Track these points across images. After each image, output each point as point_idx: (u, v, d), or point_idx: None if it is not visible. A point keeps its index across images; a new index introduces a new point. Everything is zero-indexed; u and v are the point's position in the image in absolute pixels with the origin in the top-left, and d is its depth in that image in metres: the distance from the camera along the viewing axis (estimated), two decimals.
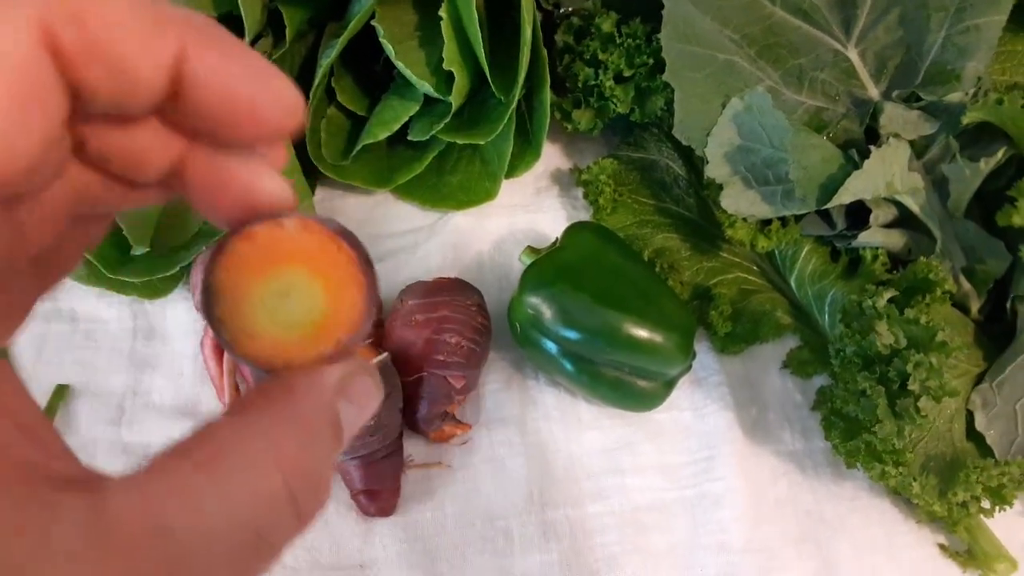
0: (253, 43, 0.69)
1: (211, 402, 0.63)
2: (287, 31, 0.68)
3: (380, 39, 0.67)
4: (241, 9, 0.62)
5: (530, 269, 0.61)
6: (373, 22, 0.67)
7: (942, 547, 0.59)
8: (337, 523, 0.59)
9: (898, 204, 0.62)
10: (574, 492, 0.61)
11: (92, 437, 0.63)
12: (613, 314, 0.59)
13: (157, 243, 0.67)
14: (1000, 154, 0.59)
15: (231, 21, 0.67)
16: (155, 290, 0.69)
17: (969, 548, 0.58)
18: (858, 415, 0.52)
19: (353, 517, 0.59)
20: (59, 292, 0.70)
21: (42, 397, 0.64)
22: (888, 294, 0.54)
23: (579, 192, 0.76)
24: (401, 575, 0.57)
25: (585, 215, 0.75)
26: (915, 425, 0.49)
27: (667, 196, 0.73)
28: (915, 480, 0.52)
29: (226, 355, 0.61)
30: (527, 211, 0.76)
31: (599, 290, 0.59)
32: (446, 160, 0.76)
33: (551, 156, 0.79)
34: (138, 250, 0.67)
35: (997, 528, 0.58)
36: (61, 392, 0.63)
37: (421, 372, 0.60)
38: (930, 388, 0.49)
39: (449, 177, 0.75)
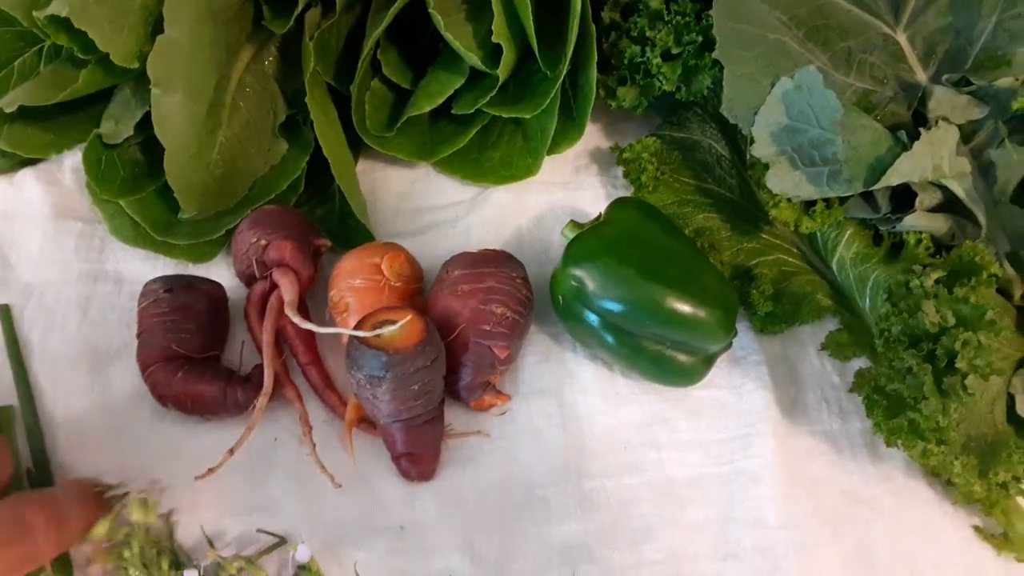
0: (303, 13, 0.70)
1: (254, 360, 0.64)
2: (337, 2, 0.69)
3: (429, 10, 0.67)
4: None
5: (574, 242, 0.62)
6: None
7: (978, 530, 0.59)
8: (380, 485, 0.60)
9: (943, 188, 0.62)
10: (611, 464, 0.62)
11: (138, 398, 0.64)
12: (657, 288, 0.59)
13: (204, 207, 0.69)
14: None
15: None
16: (201, 254, 0.70)
17: (1005, 531, 0.58)
18: (902, 393, 0.53)
19: (395, 481, 0.60)
20: (105, 254, 0.71)
21: (89, 357, 0.65)
22: (936, 274, 0.54)
23: (618, 171, 0.76)
24: (441, 538, 0.58)
25: (625, 193, 0.75)
26: (961, 403, 0.50)
27: (709, 176, 0.73)
28: (956, 459, 0.53)
29: (267, 320, 0.62)
30: (567, 188, 0.76)
31: (643, 264, 0.60)
32: (488, 135, 0.76)
33: (591, 134, 0.79)
34: (186, 213, 0.68)
35: None
36: (6, 416, 0.62)
37: (466, 341, 0.61)
38: (978, 366, 0.49)
39: (491, 152, 0.76)
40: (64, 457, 0.61)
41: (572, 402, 0.65)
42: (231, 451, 0.55)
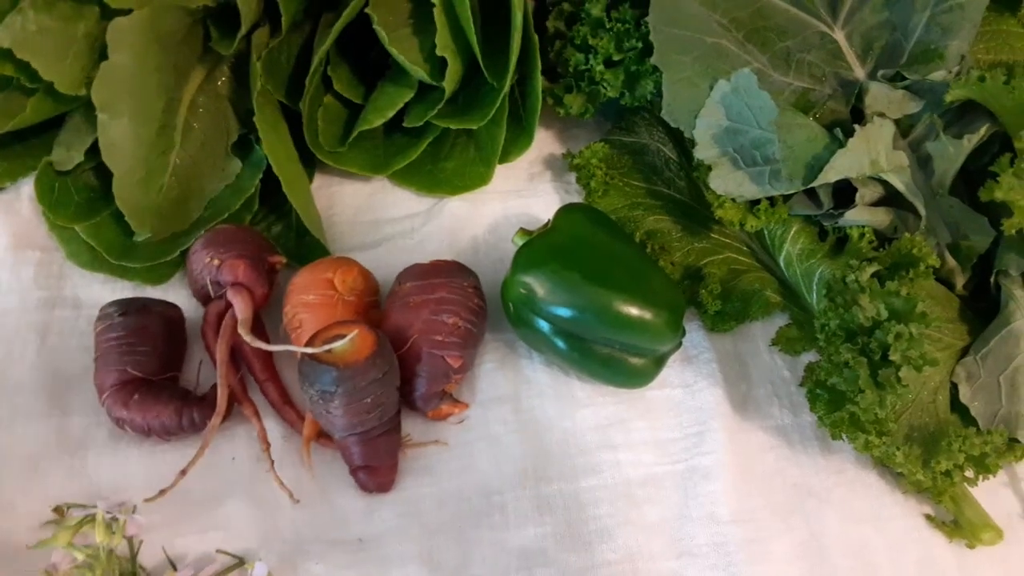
0: (250, 33, 0.70)
1: (212, 380, 0.64)
2: (283, 20, 0.69)
3: (374, 26, 0.68)
4: None
5: (522, 250, 0.63)
6: (367, 10, 0.68)
7: (929, 517, 0.60)
8: (339, 499, 0.60)
9: (884, 182, 0.63)
10: (568, 467, 0.62)
11: (96, 421, 0.64)
12: (603, 292, 0.60)
13: (158, 229, 0.69)
14: (983, 131, 0.60)
15: (228, 11, 0.68)
16: (157, 275, 0.70)
17: (955, 518, 0.59)
18: (841, 387, 0.53)
19: (354, 493, 0.61)
20: (63, 280, 0.72)
21: (48, 382, 0.66)
22: (872, 269, 0.55)
23: (572, 177, 0.77)
24: (399, 548, 0.59)
25: (578, 199, 0.76)
26: (896, 395, 0.50)
27: (658, 179, 0.74)
28: (899, 450, 0.53)
29: (221, 339, 0.63)
30: (521, 196, 0.77)
31: (590, 269, 0.61)
32: (441, 146, 0.77)
33: (544, 142, 0.80)
34: (140, 236, 0.68)
35: (982, 498, 0.59)
36: None
37: (419, 352, 0.61)
38: (911, 358, 0.50)
39: (444, 163, 0.77)
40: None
41: (529, 408, 0.65)
42: (183, 472, 0.56)
